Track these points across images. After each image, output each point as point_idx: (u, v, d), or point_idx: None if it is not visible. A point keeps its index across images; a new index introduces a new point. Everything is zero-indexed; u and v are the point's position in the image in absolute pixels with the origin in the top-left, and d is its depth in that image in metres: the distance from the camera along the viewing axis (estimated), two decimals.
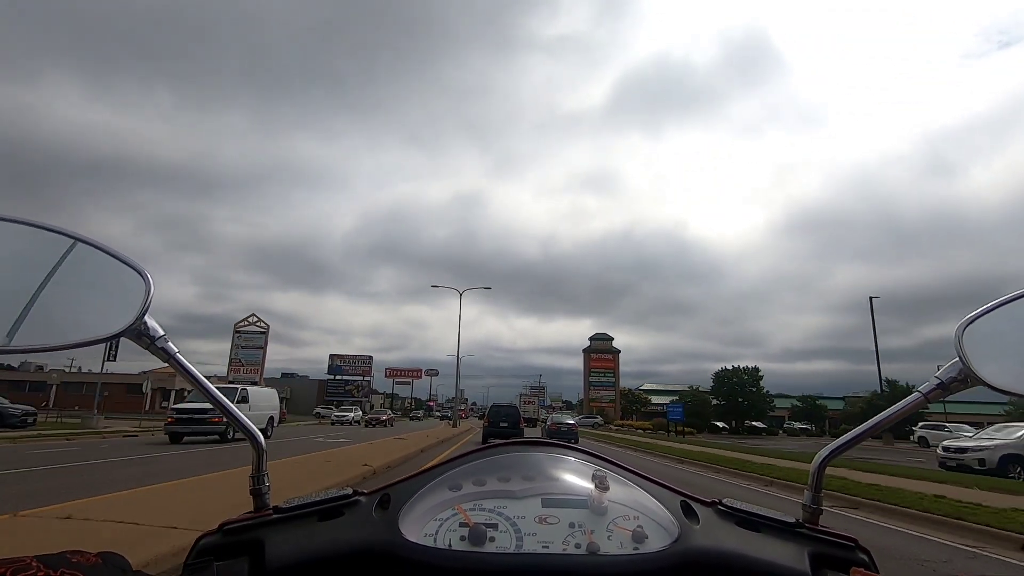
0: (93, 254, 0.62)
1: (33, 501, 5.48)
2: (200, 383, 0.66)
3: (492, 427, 21.58)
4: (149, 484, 6.92)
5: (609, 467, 0.69)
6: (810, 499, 0.66)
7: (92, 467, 10.36)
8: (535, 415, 62.51)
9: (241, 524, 0.60)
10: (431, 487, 0.64)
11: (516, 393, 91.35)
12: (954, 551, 5.69)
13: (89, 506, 5.09)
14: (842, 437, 0.69)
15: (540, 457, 0.69)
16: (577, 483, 0.64)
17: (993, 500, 8.11)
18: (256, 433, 0.68)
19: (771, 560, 0.57)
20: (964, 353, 0.61)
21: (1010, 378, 0.60)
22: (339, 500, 0.63)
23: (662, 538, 0.57)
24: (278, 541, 0.58)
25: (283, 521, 0.61)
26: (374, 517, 0.60)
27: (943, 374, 0.63)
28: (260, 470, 0.66)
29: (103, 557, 0.48)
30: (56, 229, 0.61)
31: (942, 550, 5.69)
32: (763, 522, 0.62)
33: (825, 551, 0.60)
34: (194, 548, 0.58)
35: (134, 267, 0.63)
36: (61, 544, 0.51)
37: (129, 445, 15.99)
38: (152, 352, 0.62)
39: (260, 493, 0.66)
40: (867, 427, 0.67)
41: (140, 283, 0.62)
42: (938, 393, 0.63)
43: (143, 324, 0.60)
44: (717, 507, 0.65)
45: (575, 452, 0.72)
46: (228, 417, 0.68)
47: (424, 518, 0.59)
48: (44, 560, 0.44)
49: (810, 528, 0.63)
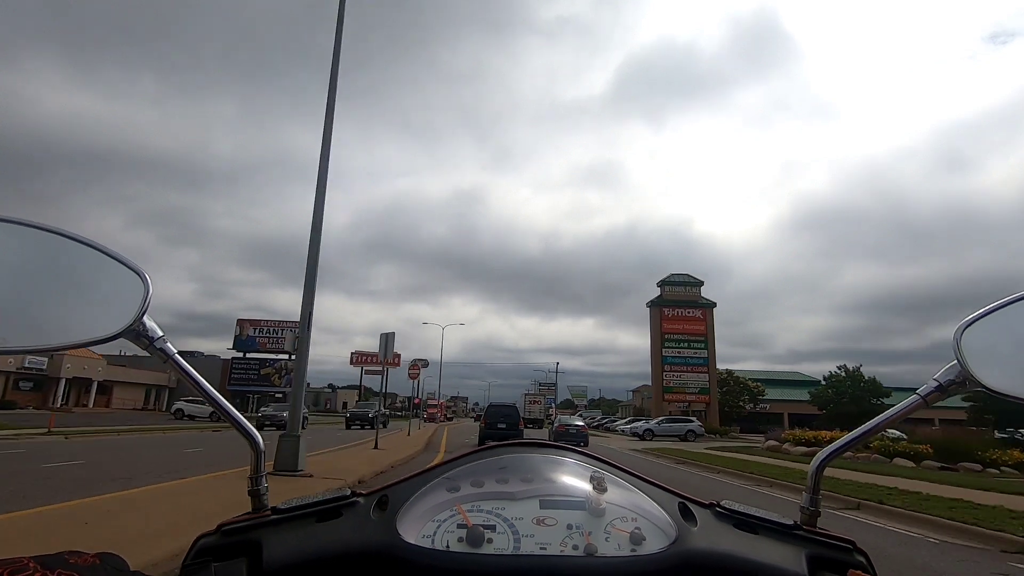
0: (92, 255, 0.62)
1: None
2: (199, 384, 0.66)
3: (489, 429, 20.44)
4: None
5: (607, 469, 0.69)
6: (808, 501, 0.65)
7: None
8: (541, 415, 51.58)
9: (239, 525, 0.60)
10: (429, 488, 0.64)
11: (521, 393, 73.81)
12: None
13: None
14: (840, 439, 0.68)
15: (538, 458, 0.69)
16: (575, 485, 0.64)
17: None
18: (254, 434, 0.67)
19: (768, 562, 0.57)
20: (962, 356, 0.61)
21: (1009, 381, 0.60)
22: (337, 501, 0.63)
23: (660, 540, 0.57)
24: (276, 542, 0.58)
25: (281, 522, 0.61)
26: (372, 518, 0.61)
27: (941, 376, 0.63)
28: (258, 471, 0.66)
29: (101, 557, 0.48)
30: (55, 230, 0.61)
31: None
32: (761, 524, 0.62)
33: (823, 553, 0.59)
34: (192, 549, 0.58)
35: (133, 268, 0.63)
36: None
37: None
38: (151, 353, 0.63)
39: (258, 494, 0.66)
40: (865, 429, 0.68)
41: (139, 284, 0.62)
42: (936, 396, 0.63)
43: (142, 325, 0.61)
44: (715, 509, 0.64)
45: (573, 453, 0.72)
46: (226, 417, 0.67)
47: (422, 519, 0.59)
48: (42, 561, 0.44)
49: (808, 530, 0.62)
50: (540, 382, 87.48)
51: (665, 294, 51.53)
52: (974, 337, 0.62)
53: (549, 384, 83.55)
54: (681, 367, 49.46)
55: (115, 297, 0.61)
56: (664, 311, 50.68)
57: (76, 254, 0.61)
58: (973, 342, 0.62)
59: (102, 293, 0.62)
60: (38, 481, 7.98)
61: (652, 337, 51.03)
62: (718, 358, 51.00)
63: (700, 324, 50.59)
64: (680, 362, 49.64)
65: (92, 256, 0.61)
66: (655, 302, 51.55)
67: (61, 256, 0.60)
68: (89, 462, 10.80)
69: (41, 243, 0.60)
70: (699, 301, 51.43)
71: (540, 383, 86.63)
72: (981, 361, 0.60)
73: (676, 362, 49.63)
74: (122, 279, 0.62)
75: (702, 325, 50.54)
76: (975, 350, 0.61)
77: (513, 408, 22.69)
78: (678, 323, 50.44)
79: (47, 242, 0.60)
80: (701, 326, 50.53)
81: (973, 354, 0.61)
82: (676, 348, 49.92)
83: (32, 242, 0.59)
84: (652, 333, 51.12)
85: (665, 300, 51.18)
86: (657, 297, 51.86)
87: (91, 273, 0.61)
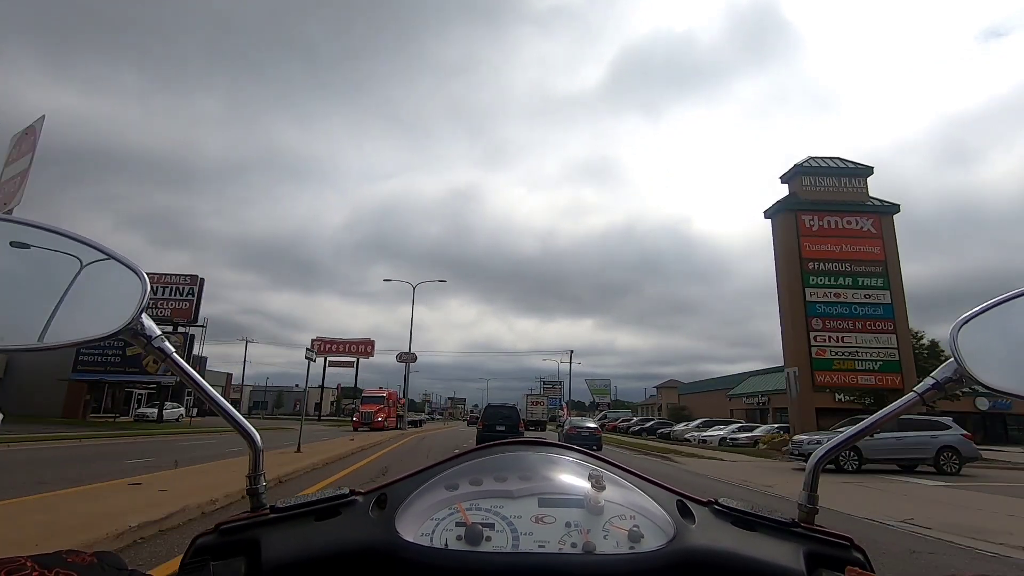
0: (90, 254, 0.63)
1: None
2: (197, 382, 0.67)
3: (487, 431, 19.21)
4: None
5: (605, 467, 0.69)
6: (806, 498, 0.66)
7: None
8: (543, 417, 51.90)
9: (237, 524, 0.61)
10: (428, 486, 0.64)
11: (522, 393, 71.22)
12: None
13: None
14: (837, 437, 0.69)
15: (537, 457, 0.69)
16: (573, 483, 0.64)
17: None
18: (252, 432, 0.68)
19: (766, 559, 0.57)
20: (959, 353, 0.61)
21: (1006, 378, 0.60)
22: (336, 499, 0.64)
23: (658, 537, 0.57)
24: (274, 541, 0.58)
25: (280, 521, 0.62)
26: (371, 516, 0.61)
27: (938, 374, 0.63)
28: (257, 470, 0.67)
29: (98, 556, 0.49)
30: (54, 229, 0.63)
31: None
32: (759, 521, 0.62)
33: (821, 550, 0.60)
34: (190, 548, 0.59)
35: (130, 267, 0.64)
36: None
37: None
38: (148, 351, 0.64)
39: (257, 493, 0.66)
40: (862, 427, 0.68)
41: (136, 283, 0.63)
42: (933, 393, 0.63)
43: (140, 324, 0.62)
44: (713, 506, 0.65)
45: (572, 452, 0.72)
46: (223, 415, 0.68)
47: (421, 517, 0.59)
48: (39, 560, 0.44)
49: (806, 527, 0.63)
50: (545, 380, 79.92)
51: (802, 190, 28.13)
52: (971, 334, 0.62)
53: (554, 383, 76.39)
54: (840, 321, 26.16)
55: (113, 296, 0.62)
56: (803, 220, 27.33)
57: (75, 253, 0.62)
58: (970, 339, 0.61)
59: (100, 292, 0.63)
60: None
61: (782, 271, 27.67)
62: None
63: (873, 242, 27.20)
64: (840, 313, 26.35)
65: (91, 255, 0.63)
66: (783, 206, 28.14)
67: (60, 255, 0.61)
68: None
69: (40, 242, 0.61)
70: (866, 202, 28.05)
71: (545, 381, 79.58)
72: (978, 358, 0.60)
73: (832, 313, 26.35)
74: (120, 278, 0.63)
75: (877, 244, 27.13)
76: (972, 347, 0.61)
77: (513, 409, 21.48)
78: (831, 241, 27.14)
79: (46, 241, 0.61)
80: (876, 246, 27.12)
81: (970, 351, 0.61)
82: (829, 287, 26.66)
83: (31, 241, 0.61)
84: (781, 263, 27.73)
85: (803, 201, 27.87)
86: (786, 198, 28.54)
87: (90, 272, 0.62)
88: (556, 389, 74.06)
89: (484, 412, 21.58)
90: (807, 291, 26.47)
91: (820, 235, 27.18)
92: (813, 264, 26.79)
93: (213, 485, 7.41)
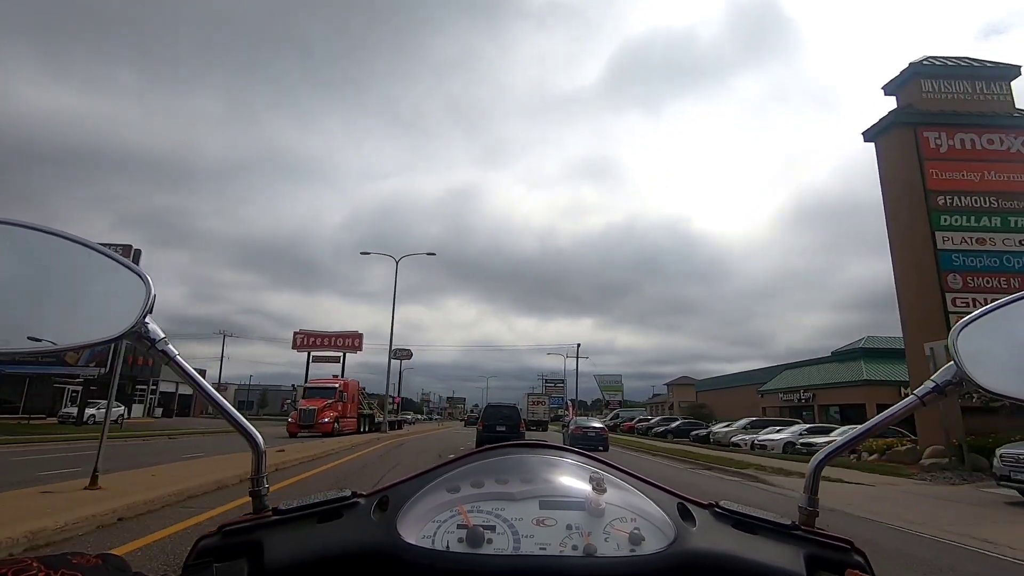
0: (94, 257, 0.64)
1: None
2: (200, 386, 0.67)
3: (487, 432, 19.11)
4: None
5: (606, 469, 0.69)
6: (806, 501, 0.66)
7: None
8: (545, 417, 49.10)
9: (240, 526, 0.61)
10: (429, 489, 0.64)
11: (523, 393, 65.31)
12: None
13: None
14: (838, 440, 0.69)
15: (538, 459, 0.70)
16: (574, 485, 0.65)
17: None
18: (255, 435, 0.68)
19: (767, 562, 0.57)
20: (959, 356, 0.62)
21: (1005, 382, 0.61)
22: (338, 502, 0.64)
23: (659, 540, 0.58)
24: (277, 543, 0.59)
25: (282, 523, 0.62)
26: (373, 519, 0.61)
27: (938, 377, 0.63)
28: (259, 472, 0.67)
29: (103, 558, 0.50)
30: (59, 233, 0.63)
31: None
32: (759, 524, 0.63)
33: (821, 553, 0.60)
34: (193, 549, 0.59)
35: (135, 271, 0.65)
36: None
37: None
38: (152, 355, 0.64)
39: (259, 495, 0.67)
40: (863, 429, 0.69)
41: (140, 286, 0.64)
42: (933, 396, 0.63)
43: (144, 327, 0.63)
44: (714, 509, 0.65)
45: (573, 455, 0.72)
46: (227, 418, 0.68)
47: (422, 520, 0.60)
48: (44, 561, 0.45)
49: (806, 530, 0.63)
50: (548, 379, 79.84)
51: (922, 99, 20.16)
52: (971, 338, 0.62)
53: (557, 381, 75.22)
54: (989, 277, 18.28)
55: (118, 299, 0.63)
56: (926, 139, 19.44)
57: (80, 257, 0.63)
58: (970, 343, 0.62)
59: (105, 295, 0.64)
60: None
61: (896, 211, 19.75)
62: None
63: (1020, 167, 19.35)
64: (987, 267, 18.46)
65: (95, 259, 0.63)
66: (896, 119, 20.18)
67: (65, 259, 0.62)
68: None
69: (45, 246, 0.62)
70: (1012, 113, 20.15)
71: (548, 380, 79.23)
72: (978, 362, 0.61)
73: (976, 266, 18.47)
74: (125, 282, 0.64)
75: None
76: (972, 351, 0.61)
77: (513, 409, 21.32)
78: (968, 167, 19.26)
79: (51, 245, 0.62)
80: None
81: (970, 355, 0.61)
82: (970, 230, 18.78)
83: (36, 245, 0.61)
84: (895, 200, 19.80)
85: (924, 113, 19.93)
86: (898, 111, 20.58)
87: (94, 276, 0.63)
88: (559, 388, 71.88)
89: (484, 412, 21.24)
90: (937, 236, 18.50)
91: (952, 158, 19.24)
92: (944, 198, 18.84)
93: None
